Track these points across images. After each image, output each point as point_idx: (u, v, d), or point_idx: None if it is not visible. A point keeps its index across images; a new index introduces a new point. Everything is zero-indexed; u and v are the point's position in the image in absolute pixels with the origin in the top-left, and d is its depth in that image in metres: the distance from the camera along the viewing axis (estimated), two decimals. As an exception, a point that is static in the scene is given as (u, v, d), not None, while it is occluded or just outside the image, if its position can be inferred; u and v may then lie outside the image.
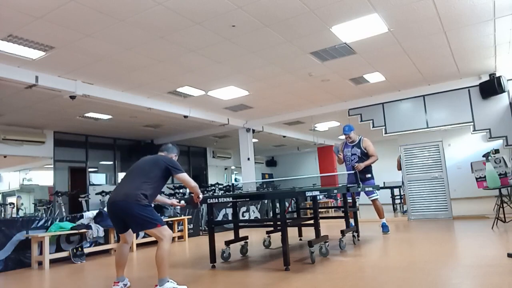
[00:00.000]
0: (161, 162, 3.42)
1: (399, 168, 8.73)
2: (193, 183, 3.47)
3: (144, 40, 5.20)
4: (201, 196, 3.59)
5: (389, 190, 10.32)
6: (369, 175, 6.00)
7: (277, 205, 6.05)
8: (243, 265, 4.28)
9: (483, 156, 6.39)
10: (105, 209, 6.00)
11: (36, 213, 10.09)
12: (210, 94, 7.90)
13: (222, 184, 11.45)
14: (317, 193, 3.98)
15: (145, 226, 3.18)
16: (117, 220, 3.33)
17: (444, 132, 8.59)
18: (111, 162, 12.11)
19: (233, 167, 16.92)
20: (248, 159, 10.88)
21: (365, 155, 5.98)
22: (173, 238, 7.04)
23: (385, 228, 5.99)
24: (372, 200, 6.01)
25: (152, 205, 3.33)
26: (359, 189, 5.28)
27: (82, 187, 10.61)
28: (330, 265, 3.82)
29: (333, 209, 11.89)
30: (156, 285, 3.08)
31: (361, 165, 5.83)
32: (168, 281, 3.10)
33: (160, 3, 4.27)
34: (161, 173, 3.38)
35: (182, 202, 3.95)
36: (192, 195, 3.58)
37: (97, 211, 5.91)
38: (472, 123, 7.83)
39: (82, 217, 5.79)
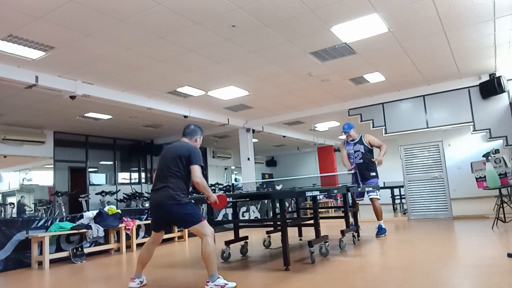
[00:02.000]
0: (185, 152, 3.33)
1: None
2: (198, 180, 3.23)
3: (144, 40, 5.20)
4: (211, 199, 3.39)
5: (389, 190, 10.31)
6: (373, 173, 5.87)
7: (277, 205, 6.05)
8: (243, 265, 4.28)
9: (483, 156, 6.39)
10: (105, 209, 6.02)
11: (36, 213, 10.09)
12: (210, 94, 7.90)
13: (222, 184, 11.45)
14: (317, 193, 3.98)
15: (190, 223, 3.25)
16: (158, 221, 3.41)
17: (444, 132, 8.59)
18: (111, 162, 12.12)
19: (233, 167, 16.91)
20: (248, 159, 10.88)
21: (369, 151, 5.92)
22: (173, 238, 7.04)
23: (381, 231, 5.77)
24: (371, 199, 5.82)
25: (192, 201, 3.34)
26: (359, 189, 5.27)
27: (82, 187, 10.61)
28: (330, 265, 3.82)
29: (333, 209, 11.90)
30: (208, 282, 3.12)
31: (381, 159, 5.80)
32: (218, 277, 3.13)
33: (160, 3, 4.27)
34: (187, 163, 3.33)
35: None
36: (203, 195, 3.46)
37: (97, 211, 5.91)
38: (472, 123, 7.83)
39: (82, 217, 5.79)
